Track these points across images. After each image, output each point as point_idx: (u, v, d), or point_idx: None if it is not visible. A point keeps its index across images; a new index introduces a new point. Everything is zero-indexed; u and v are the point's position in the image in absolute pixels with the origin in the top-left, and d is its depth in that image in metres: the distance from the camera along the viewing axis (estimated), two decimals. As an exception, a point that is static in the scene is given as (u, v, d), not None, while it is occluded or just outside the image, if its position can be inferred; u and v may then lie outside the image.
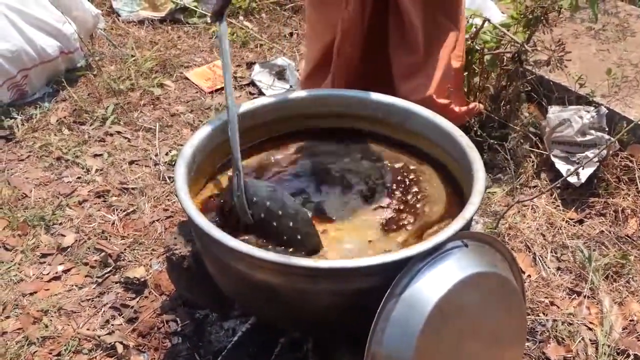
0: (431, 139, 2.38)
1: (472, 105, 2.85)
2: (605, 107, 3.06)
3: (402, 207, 2.25)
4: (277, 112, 2.47)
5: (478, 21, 3.02)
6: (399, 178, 2.35)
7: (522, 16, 2.97)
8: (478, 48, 3.02)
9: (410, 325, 1.82)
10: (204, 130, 2.30)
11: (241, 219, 2.10)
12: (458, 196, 2.28)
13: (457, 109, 2.73)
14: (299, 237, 2.07)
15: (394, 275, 1.85)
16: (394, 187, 2.31)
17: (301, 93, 2.54)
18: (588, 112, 3.01)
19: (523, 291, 2.14)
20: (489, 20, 2.98)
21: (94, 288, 2.65)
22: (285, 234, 2.07)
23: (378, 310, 1.82)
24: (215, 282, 2.23)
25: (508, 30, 3.03)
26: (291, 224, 2.07)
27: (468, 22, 3.00)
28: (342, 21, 2.63)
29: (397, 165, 2.39)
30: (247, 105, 2.44)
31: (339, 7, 2.63)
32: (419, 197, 2.28)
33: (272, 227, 2.08)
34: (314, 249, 2.09)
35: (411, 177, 2.35)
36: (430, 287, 1.85)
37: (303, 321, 2.14)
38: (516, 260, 2.12)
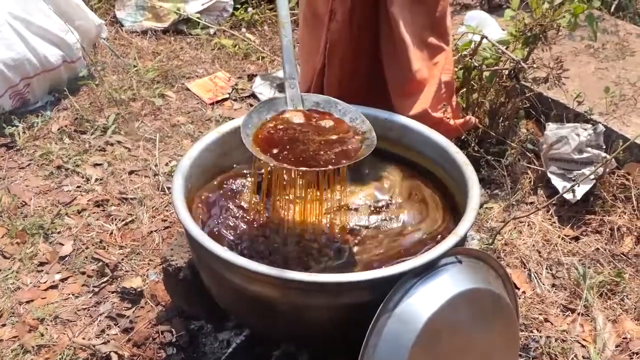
0: (427, 155, 2.39)
1: (467, 118, 2.86)
2: (602, 125, 3.07)
3: (397, 223, 2.26)
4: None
5: (477, 38, 3.03)
6: (394, 193, 2.36)
7: (520, 34, 2.99)
8: (477, 64, 3.04)
9: (402, 340, 1.83)
10: (202, 143, 2.31)
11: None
12: (454, 212, 2.29)
13: (452, 122, 2.75)
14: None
15: (387, 291, 1.86)
16: (390, 203, 2.33)
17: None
18: (585, 129, 3.02)
19: (516, 308, 2.15)
20: (486, 37, 3.00)
21: (90, 297, 2.66)
22: None
23: (370, 325, 1.83)
24: (210, 294, 2.24)
25: (507, 48, 3.04)
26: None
27: (453, 38, 3.01)
28: (330, 33, 2.63)
29: (393, 181, 2.41)
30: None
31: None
32: (414, 212, 2.29)
33: None
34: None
35: (407, 192, 2.37)
36: (423, 303, 1.86)
37: (297, 334, 2.15)
38: (510, 276, 2.13)
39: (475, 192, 2.12)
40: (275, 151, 2.02)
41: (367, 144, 2.06)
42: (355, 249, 2.17)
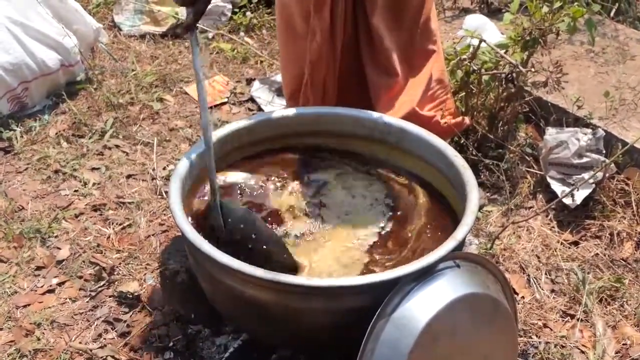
0: (426, 159, 2.39)
1: (459, 118, 2.85)
2: (602, 129, 3.06)
3: (394, 227, 2.25)
4: (271, 129, 2.48)
5: (476, 42, 3.02)
6: (391, 197, 2.35)
7: (519, 38, 2.98)
8: (475, 68, 3.03)
9: (400, 345, 1.82)
10: (199, 147, 2.30)
11: (220, 238, 2.13)
12: (452, 216, 2.28)
13: (443, 122, 2.74)
14: (273, 259, 2.10)
15: (385, 295, 1.85)
16: (385, 207, 2.32)
17: (297, 110, 2.55)
18: (585, 134, 3.01)
19: (515, 313, 2.14)
20: (484, 41, 2.99)
21: (87, 301, 2.65)
22: (259, 256, 2.08)
23: (368, 330, 1.83)
24: (208, 298, 2.23)
25: (506, 52, 3.04)
26: (264, 247, 2.10)
27: (453, 41, 3.00)
28: (309, 52, 2.62)
29: (389, 184, 2.40)
30: (244, 122, 2.46)
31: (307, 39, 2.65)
32: (412, 216, 2.28)
33: (247, 248, 2.10)
34: (289, 269, 2.10)
35: (404, 196, 2.36)
36: (421, 307, 1.85)
37: (294, 339, 2.14)
38: (508, 281, 2.12)
39: (473, 195, 2.11)
40: None
41: None
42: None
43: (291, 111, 2.54)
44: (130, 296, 2.64)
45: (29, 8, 3.69)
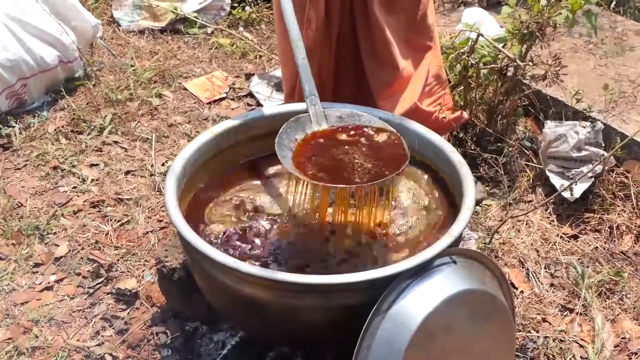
0: (423, 155, 2.37)
1: (458, 113, 2.84)
2: (601, 122, 3.05)
3: (396, 221, 2.25)
4: (268, 125, 2.47)
5: (474, 35, 3.01)
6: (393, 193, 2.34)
7: (517, 31, 2.97)
8: (474, 62, 3.02)
9: (396, 342, 1.81)
10: (195, 144, 2.30)
11: None
12: (451, 211, 2.27)
13: (441, 117, 2.73)
14: None
15: (381, 292, 1.84)
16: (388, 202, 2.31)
17: (294, 106, 2.53)
18: (584, 127, 3.00)
19: (512, 308, 2.13)
20: (482, 35, 2.97)
21: (85, 299, 2.65)
22: None
23: (364, 327, 1.82)
24: (204, 295, 2.23)
25: (504, 45, 3.02)
26: None
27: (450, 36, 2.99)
28: (306, 39, 2.60)
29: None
30: (240, 118, 2.45)
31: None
32: (411, 212, 2.28)
33: None
34: None
35: (404, 191, 2.35)
36: (417, 304, 1.84)
37: (291, 336, 2.14)
38: (506, 277, 2.11)
39: (470, 191, 2.10)
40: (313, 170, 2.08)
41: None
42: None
43: (287, 107, 2.52)
44: (128, 293, 2.65)
45: (27, 4, 3.69)
